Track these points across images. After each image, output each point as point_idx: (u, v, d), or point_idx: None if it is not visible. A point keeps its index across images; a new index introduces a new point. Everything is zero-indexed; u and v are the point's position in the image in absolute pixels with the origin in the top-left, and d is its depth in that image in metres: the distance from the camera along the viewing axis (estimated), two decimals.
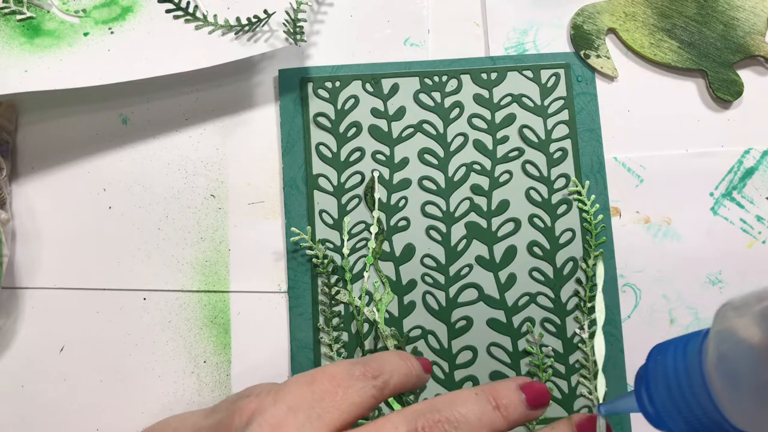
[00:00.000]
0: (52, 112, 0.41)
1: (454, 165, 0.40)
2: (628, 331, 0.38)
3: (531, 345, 0.38)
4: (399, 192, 0.40)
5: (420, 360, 0.31)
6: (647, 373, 0.25)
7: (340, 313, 0.38)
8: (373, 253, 0.39)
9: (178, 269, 0.39)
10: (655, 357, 0.25)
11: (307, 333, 0.38)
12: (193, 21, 0.40)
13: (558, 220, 0.39)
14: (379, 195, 0.40)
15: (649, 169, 0.40)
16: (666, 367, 0.24)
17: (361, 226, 0.39)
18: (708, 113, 0.41)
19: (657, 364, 0.25)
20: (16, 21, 0.40)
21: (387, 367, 0.29)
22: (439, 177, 0.40)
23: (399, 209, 0.40)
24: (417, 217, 0.39)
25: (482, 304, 0.39)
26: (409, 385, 0.30)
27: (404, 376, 0.29)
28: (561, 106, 0.41)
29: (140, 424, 0.38)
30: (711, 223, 0.40)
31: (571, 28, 0.42)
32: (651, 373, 0.25)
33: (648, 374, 0.25)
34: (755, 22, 0.41)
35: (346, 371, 0.27)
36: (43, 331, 0.39)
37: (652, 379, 0.25)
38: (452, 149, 0.40)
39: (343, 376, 0.27)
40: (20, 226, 0.40)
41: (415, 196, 0.40)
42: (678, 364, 0.24)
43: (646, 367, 0.26)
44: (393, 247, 0.39)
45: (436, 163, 0.40)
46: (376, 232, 0.39)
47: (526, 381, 0.29)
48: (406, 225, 0.39)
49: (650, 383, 0.25)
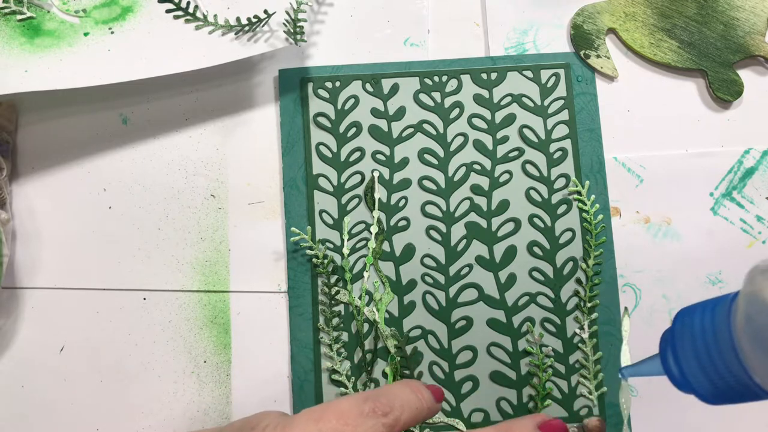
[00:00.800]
0: (52, 112, 0.41)
1: (454, 165, 0.40)
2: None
3: (531, 345, 0.38)
4: (399, 192, 0.40)
5: (431, 389, 0.30)
6: (673, 335, 0.25)
7: (340, 313, 0.38)
8: (373, 253, 0.39)
9: (178, 269, 0.39)
10: (682, 318, 0.25)
11: (307, 333, 0.38)
12: (193, 21, 0.40)
13: (558, 220, 0.39)
14: (379, 195, 0.40)
15: (649, 169, 0.40)
16: (693, 328, 0.24)
17: (361, 226, 0.39)
18: (708, 113, 0.41)
19: (684, 325, 0.25)
20: (16, 21, 0.40)
21: (397, 402, 0.28)
22: (439, 177, 0.40)
23: (399, 209, 0.40)
24: (417, 217, 0.39)
25: (482, 304, 0.39)
26: (420, 418, 0.29)
27: (415, 411, 0.29)
28: (561, 106, 0.41)
29: (140, 424, 0.38)
30: (711, 223, 0.40)
31: (571, 28, 0.42)
32: (677, 334, 0.25)
33: (674, 335, 0.25)
34: (755, 22, 0.41)
35: (356, 408, 0.27)
36: (43, 331, 0.39)
37: (678, 340, 0.25)
38: (452, 149, 0.40)
39: (352, 413, 0.27)
40: (20, 226, 0.40)
41: (415, 196, 0.40)
42: (706, 325, 0.24)
43: (672, 329, 0.26)
44: (393, 247, 0.39)
45: (436, 163, 0.40)
46: (376, 232, 0.39)
47: (544, 419, 0.29)
48: (406, 225, 0.39)
49: (676, 344, 0.25)
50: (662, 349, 0.26)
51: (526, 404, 0.37)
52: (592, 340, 0.38)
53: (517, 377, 0.38)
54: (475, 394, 0.38)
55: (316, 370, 0.38)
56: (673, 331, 0.26)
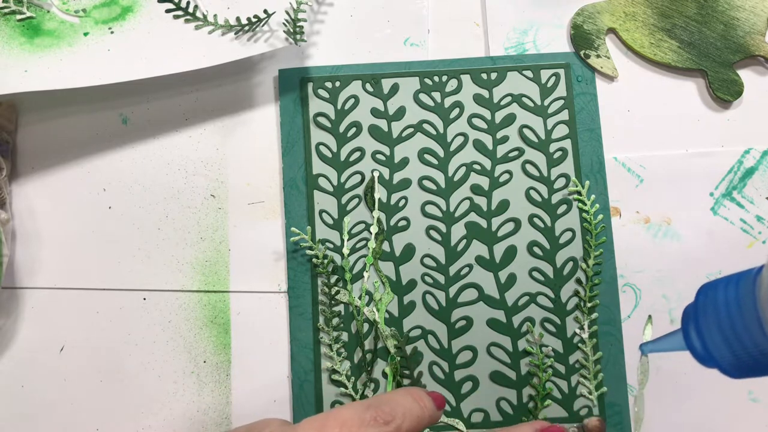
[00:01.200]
0: (52, 112, 0.41)
1: (454, 165, 0.40)
2: (628, 331, 0.38)
3: (531, 345, 0.38)
4: (399, 192, 0.40)
5: (432, 395, 0.30)
6: (696, 309, 0.25)
7: (340, 313, 0.38)
8: (373, 253, 0.39)
9: (178, 269, 0.39)
10: (705, 293, 0.25)
11: (307, 333, 0.38)
12: (193, 21, 0.40)
13: (558, 220, 0.39)
14: (379, 195, 0.40)
15: (649, 169, 0.40)
16: (717, 301, 0.24)
17: (361, 226, 0.39)
18: (708, 113, 0.41)
19: (707, 299, 0.25)
20: (16, 21, 0.40)
21: (399, 410, 0.28)
22: (439, 177, 0.40)
23: (399, 209, 0.40)
24: (417, 217, 0.39)
25: (482, 304, 0.39)
26: (422, 427, 0.29)
27: (417, 419, 0.29)
28: (561, 106, 0.40)
29: (140, 424, 0.38)
30: (711, 223, 0.40)
31: (571, 28, 0.42)
32: (701, 308, 0.25)
33: (697, 309, 0.25)
34: (755, 22, 0.41)
35: (357, 416, 0.27)
36: (43, 331, 0.39)
37: (701, 314, 0.25)
38: (452, 149, 0.40)
39: (354, 421, 0.27)
40: (20, 226, 0.40)
41: (415, 196, 0.40)
42: (730, 299, 0.24)
43: (695, 304, 0.26)
44: (393, 247, 0.39)
45: (436, 163, 0.40)
46: (376, 232, 0.39)
47: (543, 426, 0.30)
48: (406, 225, 0.39)
49: (699, 318, 0.25)
50: (684, 324, 0.26)
51: (526, 404, 0.37)
52: (592, 340, 0.38)
53: (517, 377, 0.38)
54: (475, 394, 0.38)
55: (316, 370, 0.38)
56: (696, 305, 0.25)
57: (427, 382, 0.38)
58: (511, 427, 0.29)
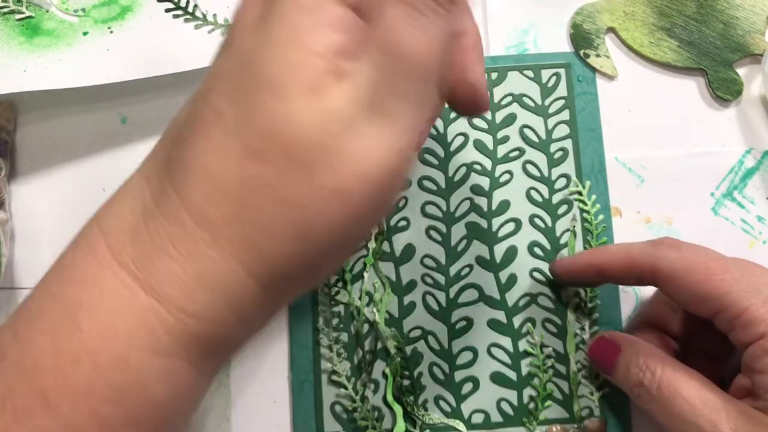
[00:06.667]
0: (51, 112, 0.41)
1: (454, 165, 0.40)
2: (628, 331, 0.38)
3: (532, 346, 0.38)
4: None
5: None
6: None
7: (340, 314, 0.38)
8: (373, 254, 0.39)
9: None
10: None
11: (307, 333, 0.38)
12: (193, 20, 0.40)
13: (559, 220, 0.39)
14: None
15: (650, 169, 0.40)
16: None
17: None
18: (709, 113, 0.41)
19: None
20: (15, 20, 0.40)
21: None
22: (439, 177, 0.40)
23: (399, 209, 0.39)
24: (417, 217, 0.39)
25: (482, 305, 0.38)
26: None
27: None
28: (562, 106, 0.40)
29: None
30: (712, 224, 0.39)
31: (571, 27, 0.42)
32: None
33: None
34: (755, 21, 0.41)
35: None
36: None
37: None
38: (452, 149, 0.40)
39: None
40: (19, 226, 0.40)
41: (415, 196, 0.40)
42: None
43: None
44: (393, 248, 0.39)
45: (436, 163, 0.40)
46: (376, 232, 0.39)
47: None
48: (406, 225, 0.39)
49: None
50: None
51: (527, 405, 0.37)
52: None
53: (517, 378, 0.38)
54: (475, 394, 0.37)
55: (315, 371, 0.38)
56: None
57: (427, 383, 0.38)
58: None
